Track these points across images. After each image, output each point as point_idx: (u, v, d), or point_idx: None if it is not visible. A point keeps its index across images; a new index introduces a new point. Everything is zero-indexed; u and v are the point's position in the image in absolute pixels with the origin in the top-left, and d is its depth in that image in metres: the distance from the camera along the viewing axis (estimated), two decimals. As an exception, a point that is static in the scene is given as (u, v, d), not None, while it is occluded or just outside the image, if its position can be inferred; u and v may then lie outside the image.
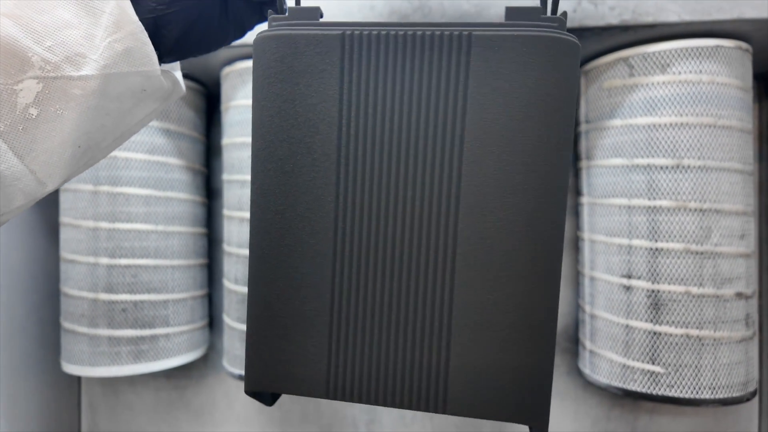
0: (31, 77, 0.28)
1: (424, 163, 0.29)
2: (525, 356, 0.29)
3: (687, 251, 0.58)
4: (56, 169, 0.30)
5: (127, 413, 0.87)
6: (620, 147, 0.62)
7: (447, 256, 0.29)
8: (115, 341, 0.68)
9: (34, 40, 0.28)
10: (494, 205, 0.29)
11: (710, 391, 0.58)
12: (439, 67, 0.29)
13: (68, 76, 0.28)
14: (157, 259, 0.70)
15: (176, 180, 0.72)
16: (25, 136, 0.28)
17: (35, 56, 0.28)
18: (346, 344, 0.31)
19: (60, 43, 0.28)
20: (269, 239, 0.32)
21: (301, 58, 0.30)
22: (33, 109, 0.28)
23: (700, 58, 0.59)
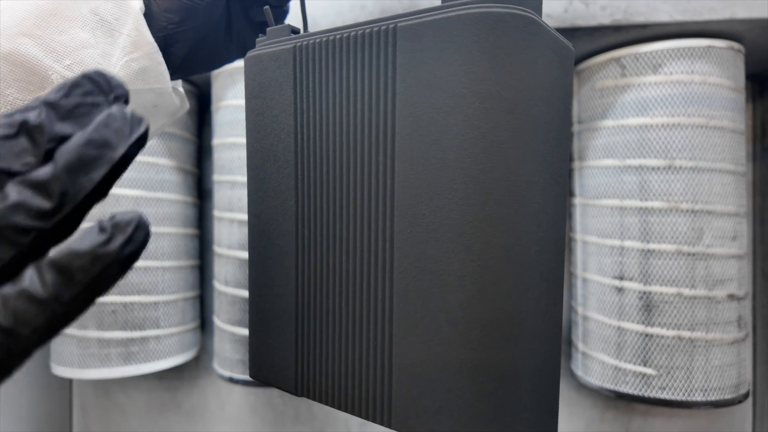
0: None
1: (362, 167, 0.29)
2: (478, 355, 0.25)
3: (679, 252, 0.58)
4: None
5: (119, 415, 0.86)
6: (612, 148, 0.62)
7: (386, 261, 0.28)
8: (105, 343, 0.68)
9: (54, 59, 0.29)
10: (426, 208, 0.26)
11: (702, 393, 0.58)
12: (370, 66, 0.28)
13: None
14: (148, 261, 0.69)
15: (167, 181, 0.72)
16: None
17: (55, 74, 0.29)
18: (308, 344, 0.32)
19: (78, 62, 0.29)
20: (253, 240, 0.34)
21: (265, 73, 0.33)
22: None
23: (692, 59, 0.58)
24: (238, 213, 0.66)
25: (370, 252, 0.29)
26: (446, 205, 0.26)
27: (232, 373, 0.67)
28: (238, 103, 0.67)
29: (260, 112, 0.33)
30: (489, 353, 0.25)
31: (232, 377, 0.67)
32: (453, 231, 0.25)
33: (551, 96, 0.26)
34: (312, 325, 0.32)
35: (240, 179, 0.66)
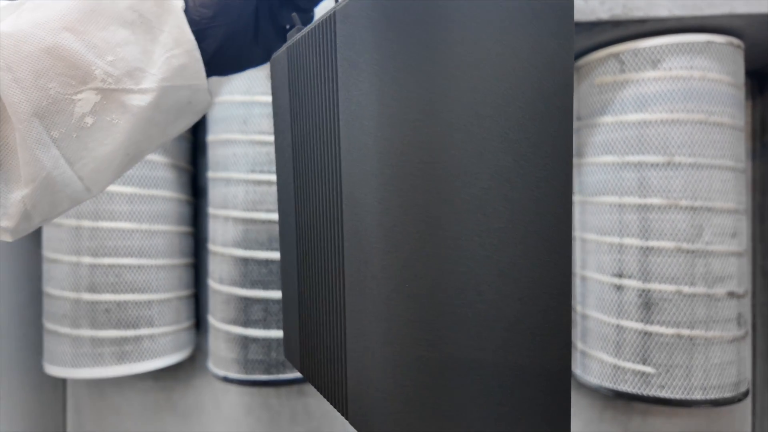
0: (92, 89, 0.29)
1: (323, 159, 0.28)
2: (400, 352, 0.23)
3: (678, 250, 0.58)
4: (103, 175, 0.32)
5: (113, 416, 0.86)
6: (611, 144, 0.62)
7: (340, 253, 0.27)
8: (98, 342, 0.67)
9: (96, 55, 0.29)
10: (359, 196, 0.24)
11: (702, 391, 0.57)
12: (323, 55, 0.27)
13: (128, 89, 0.30)
14: (141, 259, 0.68)
15: (161, 178, 0.71)
16: (77, 144, 0.30)
17: (98, 69, 0.29)
18: (303, 331, 0.33)
19: (121, 58, 0.30)
20: (280, 233, 0.37)
21: (276, 75, 0.34)
22: (89, 118, 0.29)
23: (691, 54, 0.58)
24: (233, 210, 0.65)
25: (331, 244, 0.28)
26: (369, 193, 0.24)
27: (227, 372, 0.66)
28: (233, 99, 0.66)
29: (276, 113, 0.35)
30: (411, 350, 0.23)
31: (227, 377, 0.66)
32: (374, 220, 0.23)
33: (507, 67, 0.23)
34: (304, 314, 0.33)
35: (235, 176, 0.65)
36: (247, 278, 0.65)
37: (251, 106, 0.65)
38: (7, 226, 0.30)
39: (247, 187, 0.65)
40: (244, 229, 0.65)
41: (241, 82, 0.65)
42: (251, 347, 0.65)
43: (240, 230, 0.65)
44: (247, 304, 0.65)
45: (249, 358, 0.65)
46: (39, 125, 0.28)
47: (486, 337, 0.23)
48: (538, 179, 0.23)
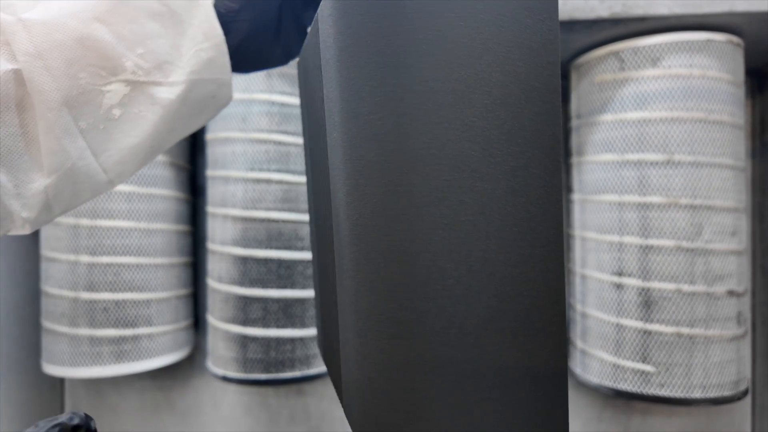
0: (122, 80, 0.29)
1: (321, 160, 0.29)
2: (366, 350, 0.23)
3: (678, 248, 0.57)
4: (126, 167, 0.31)
5: (112, 415, 0.85)
6: (611, 142, 0.61)
7: (332, 258, 0.27)
8: (97, 341, 0.67)
9: (126, 47, 0.29)
10: (336, 202, 0.24)
11: (701, 390, 0.57)
12: (313, 56, 0.28)
13: (157, 82, 0.30)
14: (140, 257, 0.68)
15: (159, 176, 0.71)
16: (103, 135, 0.30)
17: (129, 62, 0.29)
18: (323, 325, 0.34)
19: (151, 51, 0.30)
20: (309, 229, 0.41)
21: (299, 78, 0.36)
22: (116, 110, 0.29)
23: (691, 52, 0.58)
24: (232, 209, 0.65)
25: (329, 240, 0.28)
26: (339, 187, 0.23)
27: (225, 371, 0.66)
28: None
29: (303, 111, 0.36)
30: (375, 344, 0.23)
31: (226, 376, 0.66)
32: (344, 214, 0.23)
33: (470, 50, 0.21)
34: (323, 308, 0.33)
35: (233, 174, 0.65)
36: (246, 277, 0.64)
37: (250, 104, 0.65)
38: (28, 216, 0.30)
39: (246, 185, 0.64)
40: (243, 228, 0.65)
41: (240, 80, 0.65)
42: (250, 346, 0.65)
43: (239, 229, 0.65)
44: (246, 302, 0.65)
45: (248, 357, 0.65)
46: (68, 115, 0.28)
47: (454, 335, 0.22)
48: (514, 168, 0.22)
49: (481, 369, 0.22)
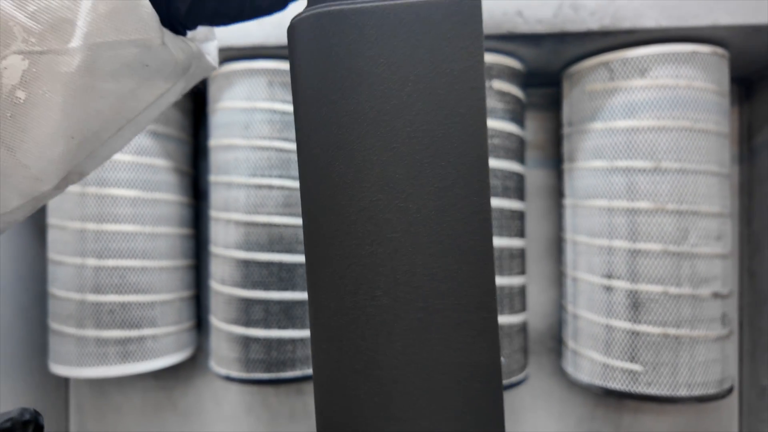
0: (15, 52, 0.23)
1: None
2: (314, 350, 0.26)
3: (665, 252, 0.60)
4: (51, 164, 0.26)
5: (115, 415, 0.87)
6: (601, 150, 0.64)
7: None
8: (103, 342, 0.69)
9: (16, 5, 0.23)
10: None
11: (687, 388, 0.59)
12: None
13: (54, 50, 0.23)
14: (145, 260, 0.70)
15: (163, 181, 0.73)
16: (14, 125, 0.24)
17: (17, 26, 0.23)
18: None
19: (44, 7, 0.23)
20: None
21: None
22: (20, 91, 0.24)
23: (677, 63, 0.60)
24: (235, 213, 0.67)
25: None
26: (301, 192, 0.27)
27: (228, 371, 0.68)
28: (234, 106, 0.68)
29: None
30: (317, 345, 0.26)
31: (229, 375, 0.68)
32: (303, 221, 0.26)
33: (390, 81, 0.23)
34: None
35: (236, 180, 0.67)
36: (248, 279, 0.67)
37: (252, 113, 0.67)
38: None
39: (248, 190, 0.66)
40: (245, 232, 0.67)
41: (243, 89, 0.67)
42: (252, 347, 0.67)
43: (241, 233, 0.67)
44: (248, 304, 0.67)
45: (250, 357, 0.67)
46: None
47: (383, 342, 0.24)
48: (440, 189, 0.23)
49: (409, 376, 0.24)
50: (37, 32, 0.23)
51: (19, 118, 0.24)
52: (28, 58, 0.23)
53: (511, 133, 0.65)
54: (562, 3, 0.59)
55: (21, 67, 0.23)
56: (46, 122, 0.24)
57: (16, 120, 0.24)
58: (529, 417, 0.80)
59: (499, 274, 0.64)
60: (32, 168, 0.25)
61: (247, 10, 0.28)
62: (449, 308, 0.23)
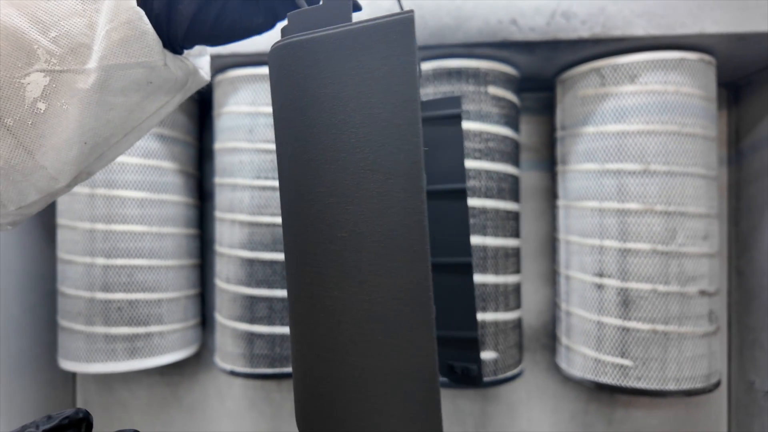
0: (38, 70, 0.27)
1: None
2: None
3: (654, 251, 0.62)
4: (65, 165, 0.29)
5: (121, 410, 0.89)
6: (592, 153, 0.66)
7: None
8: (111, 338, 0.71)
9: (39, 31, 0.26)
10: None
11: (675, 382, 0.62)
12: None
13: (73, 70, 0.27)
14: (152, 260, 0.72)
15: (170, 183, 0.75)
16: (34, 132, 0.28)
17: (40, 48, 0.26)
18: None
19: (65, 33, 0.27)
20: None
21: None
22: (41, 103, 0.27)
23: (666, 70, 0.62)
24: (239, 214, 0.69)
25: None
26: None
27: (233, 366, 0.71)
28: (239, 110, 0.70)
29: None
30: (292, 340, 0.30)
31: (234, 370, 0.70)
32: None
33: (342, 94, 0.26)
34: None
35: (241, 182, 0.69)
36: (253, 278, 0.69)
37: (256, 117, 0.69)
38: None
39: (253, 192, 0.69)
40: (250, 232, 0.69)
41: (247, 93, 0.69)
42: (256, 343, 0.69)
43: (246, 233, 0.69)
44: (253, 302, 0.69)
45: (254, 353, 0.69)
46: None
47: (332, 334, 0.27)
48: (379, 194, 0.26)
49: (355, 360, 0.26)
50: (58, 54, 0.27)
51: (39, 126, 0.28)
52: (49, 76, 0.27)
53: (506, 136, 0.68)
54: (554, 12, 0.61)
55: (42, 83, 0.27)
56: (63, 130, 0.28)
57: (36, 127, 0.28)
58: (523, 411, 0.82)
59: (495, 273, 0.66)
60: (49, 168, 0.29)
61: (238, 32, 0.31)
62: (389, 301, 0.25)
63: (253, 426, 0.87)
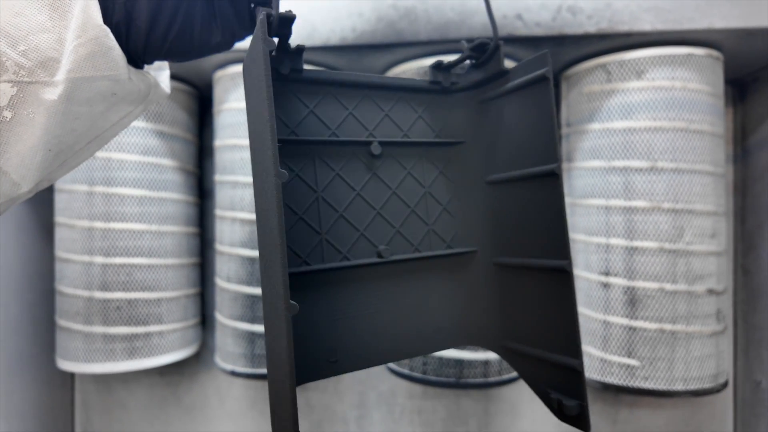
0: (5, 81, 0.28)
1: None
2: None
3: (661, 250, 0.61)
4: (29, 171, 0.30)
5: (121, 411, 0.88)
6: (598, 150, 0.65)
7: None
8: (110, 338, 0.70)
9: (8, 44, 0.28)
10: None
11: (683, 382, 0.61)
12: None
13: (42, 81, 0.28)
14: (151, 258, 0.71)
15: (169, 181, 0.74)
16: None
17: (9, 61, 0.28)
18: None
19: (34, 47, 0.28)
20: None
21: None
22: (7, 111, 0.28)
23: (673, 66, 0.61)
24: (240, 212, 0.69)
25: None
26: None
27: (234, 366, 0.70)
28: (240, 107, 0.69)
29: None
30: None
31: (235, 370, 0.69)
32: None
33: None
34: None
35: (241, 179, 0.68)
36: (254, 277, 0.68)
37: (257, 113, 0.68)
38: None
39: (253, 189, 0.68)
40: (251, 230, 0.68)
41: (248, 89, 0.68)
42: (257, 342, 0.68)
43: (246, 231, 0.68)
44: (254, 301, 0.68)
45: (255, 352, 0.68)
46: None
47: (265, 295, 0.33)
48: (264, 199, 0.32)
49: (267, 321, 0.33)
50: (27, 67, 0.28)
51: (4, 134, 0.29)
52: (17, 86, 0.28)
53: (510, 133, 0.67)
54: (560, 7, 0.61)
55: (9, 93, 0.28)
56: (28, 137, 0.29)
57: (1, 134, 0.29)
58: (526, 411, 0.81)
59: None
60: (12, 174, 0.30)
61: (196, 49, 0.34)
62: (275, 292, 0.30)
63: (253, 426, 0.86)
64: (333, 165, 0.42)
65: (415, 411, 0.82)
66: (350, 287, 0.42)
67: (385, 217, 0.44)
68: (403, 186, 0.45)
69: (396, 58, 0.67)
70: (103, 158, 0.69)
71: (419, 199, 0.46)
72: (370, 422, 0.83)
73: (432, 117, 0.47)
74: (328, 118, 0.43)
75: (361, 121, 0.44)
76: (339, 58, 0.66)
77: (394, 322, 0.44)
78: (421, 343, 0.45)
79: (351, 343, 0.41)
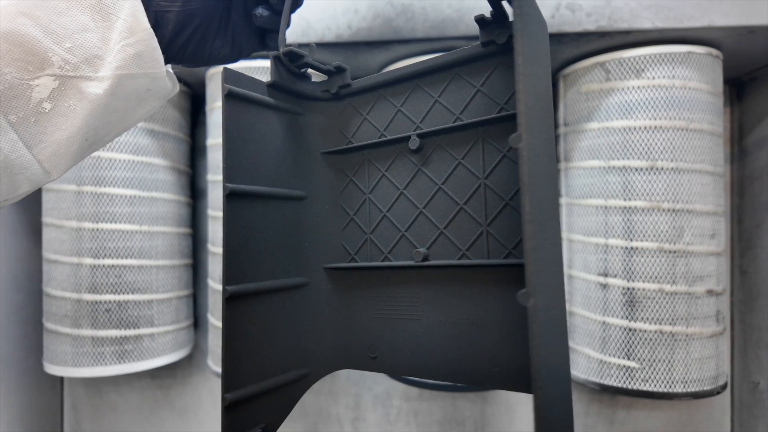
0: (49, 75, 0.30)
1: None
2: None
3: (660, 250, 0.61)
4: (62, 159, 0.33)
5: (111, 414, 0.87)
6: (597, 149, 0.64)
7: None
8: (99, 341, 0.68)
9: (54, 41, 0.30)
10: None
11: (682, 384, 0.60)
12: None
13: (86, 76, 0.31)
14: (142, 260, 0.70)
15: (161, 180, 0.72)
16: (35, 128, 0.31)
17: (55, 56, 0.30)
18: None
19: (79, 45, 0.30)
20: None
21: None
22: (47, 103, 0.30)
23: (672, 64, 0.61)
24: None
25: None
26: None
27: (226, 370, 0.68)
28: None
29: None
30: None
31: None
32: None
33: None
34: None
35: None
36: (247, 278, 0.66)
37: (251, 111, 0.66)
38: None
39: (247, 189, 0.66)
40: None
41: (241, 87, 0.67)
42: (251, 345, 0.67)
43: (240, 232, 0.67)
44: (247, 303, 0.67)
45: (249, 355, 0.67)
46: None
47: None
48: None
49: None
50: (73, 62, 0.30)
51: (42, 123, 0.31)
52: (60, 80, 0.30)
53: (508, 132, 0.66)
54: (559, 4, 0.60)
55: (51, 86, 0.30)
56: (67, 128, 0.31)
57: (38, 124, 0.31)
58: (523, 413, 0.81)
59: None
60: (45, 163, 0.32)
61: (208, 58, 0.38)
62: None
63: (247, 430, 0.84)
64: (380, 165, 0.43)
65: (411, 413, 0.81)
66: (391, 288, 0.42)
67: (428, 216, 0.40)
68: (452, 179, 0.40)
69: (393, 55, 0.66)
70: (93, 157, 0.68)
71: (472, 194, 0.39)
72: (366, 425, 0.82)
73: (495, 87, 0.38)
74: (379, 120, 0.43)
75: (409, 116, 0.42)
76: (334, 55, 0.65)
77: (438, 335, 0.39)
78: (465, 367, 0.38)
79: (391, 344, 0.42)
